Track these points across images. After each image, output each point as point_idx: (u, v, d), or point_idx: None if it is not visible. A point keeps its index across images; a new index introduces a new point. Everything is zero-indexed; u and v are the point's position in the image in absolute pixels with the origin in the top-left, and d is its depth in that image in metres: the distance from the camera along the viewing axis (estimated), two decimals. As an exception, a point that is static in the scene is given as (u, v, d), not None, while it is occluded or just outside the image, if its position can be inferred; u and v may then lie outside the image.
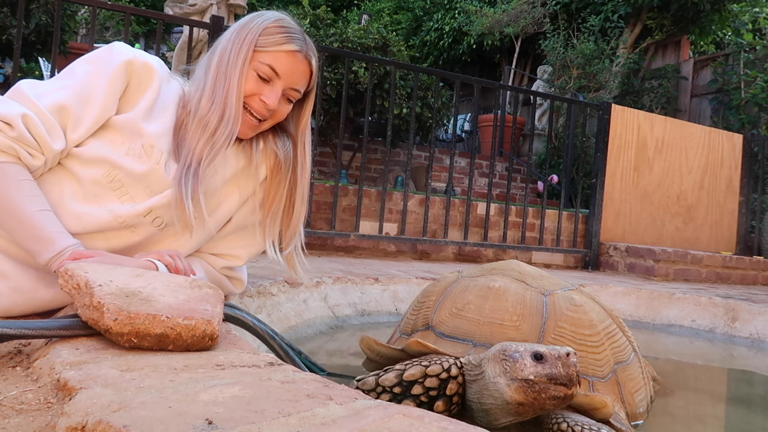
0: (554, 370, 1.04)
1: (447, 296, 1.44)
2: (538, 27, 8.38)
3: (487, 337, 1.29)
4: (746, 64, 7.32)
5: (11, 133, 1.13)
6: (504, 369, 1.09)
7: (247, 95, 1.32)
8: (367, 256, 3.82)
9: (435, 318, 1.40)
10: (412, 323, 1.48)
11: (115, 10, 3.49)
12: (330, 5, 10.73)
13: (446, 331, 1.35)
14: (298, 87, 1.38)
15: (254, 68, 1.32)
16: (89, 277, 0.98)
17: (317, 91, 3.76)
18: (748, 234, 5.64)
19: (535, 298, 1.37)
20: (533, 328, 1.31)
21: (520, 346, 1.10)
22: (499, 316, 1.33)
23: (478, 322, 1.33)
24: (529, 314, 1.33)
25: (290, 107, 1.41)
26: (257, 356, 0.95)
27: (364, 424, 0.66)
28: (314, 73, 1.41)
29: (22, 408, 0.76)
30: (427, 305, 1.47)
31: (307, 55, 1.37)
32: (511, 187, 5.00)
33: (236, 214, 1.45)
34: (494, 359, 1.12)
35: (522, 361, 1.07)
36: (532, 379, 1.05)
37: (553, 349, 1.06)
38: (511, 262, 1.56)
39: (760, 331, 2.77)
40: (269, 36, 1.33)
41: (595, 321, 1.36)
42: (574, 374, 1.04)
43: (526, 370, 1.05)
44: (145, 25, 12.00)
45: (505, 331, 1.30)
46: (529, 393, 1.06)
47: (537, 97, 5.25)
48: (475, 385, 1.17)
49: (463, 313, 1.36)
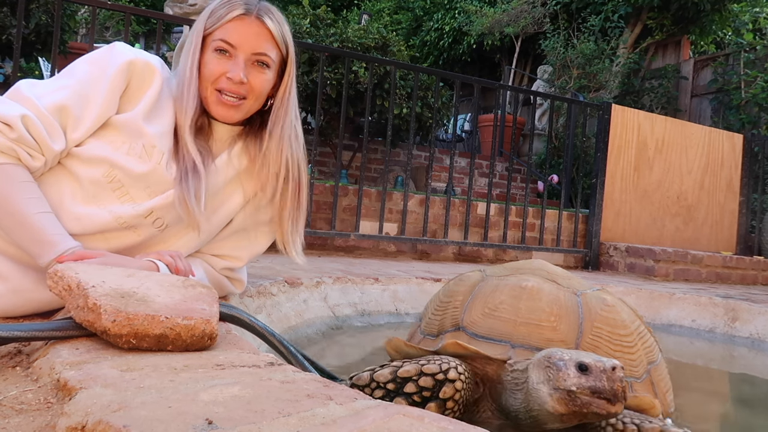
0: (598, 384, 0.99)
1: (476, 296, 1.38)
2: (538, 27, 8.38)
3: (525, 338, 1.25)
4: (746, 64, 7.32)
5: (11, 135, 1.13)
6: (547, 377, 1.05)
7: (214, 79, 1.30)
8: (367, 256, 3.82)
9: (466, 318, 1.34)
10: (438, 324, 1.41)
11: (115, 10, 3.49)
12: (330, 5, 10.73)
13: (480, 332, 1.29)
14: (262, 50, 1.32)
15: (213, 49, 1.30)
16: (81, 278, 0.97)
17: (318, 91, 3.79)
18: (748, 234, 5.64)
19: (570, 298, 1.33)
20: (571, 329, 1.27)
21: (565, 354, 1.05)
22: (536, 316, 1.28)
23: (514, 323, 1.28)
24: (566, 314, 1.29)
25: (267, 76, 1.34)
26: (257, 356, 0.95)
27: (364, 424, 0.66)
28: (277, 34, 1.34)
29: (22, 408, 0.76)
30: (453, 305, 1.40)
31: (258, 15, 1.31)
32: (511, 187, 5.00)
33: (238, 215, 1.44)
34: (539, 365, 1.09)
35: (566, 370, 1.03)
36: (574, 391, 1.01)
37: (599, 361, 1.01)
38: (535, 261, 1.51)
39: (761, 331, 2.77)
40: (214, 14, 1.32)
41: (627, 321, 1.33)
42: (620, 390, 0.99)
43: (569, 381, 1.01)
44: (145, 25, 11.99)
45: (542, 331, 1.26)
46: (570, 405, 1.02)
47: (537, 97, 5.24)
48: (520, 391, 1.14)
49: (496, 314, 1.31)
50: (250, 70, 1.32)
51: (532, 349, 1.22)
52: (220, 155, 1.38)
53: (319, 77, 3.85)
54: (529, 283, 1.35)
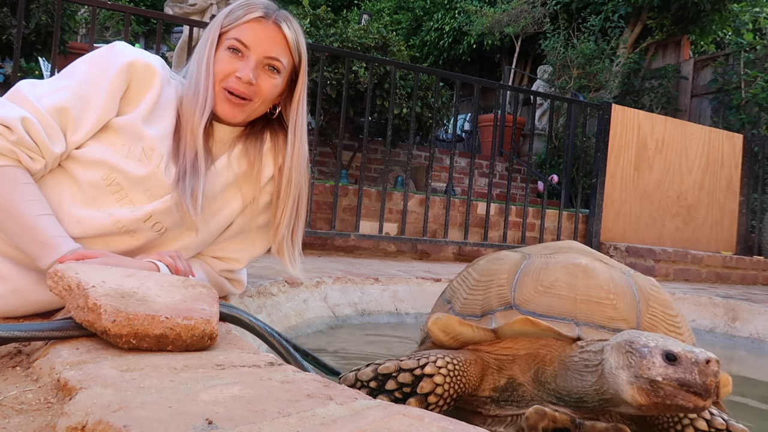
0: (688, 376, 0.91)
1: (525, 274, 1.31)
2: (538, 27, 8.38)
3: (588, 316, 1.20)
4: (746, 63, 7.32)
5: (11, 137, 1.12)
6: (628, 362, 0.98)
7: (223, 77, 1.30)
8: (367, 256, 3.82)
9: (518, 296, 1.26)
10: (480, 303, 1.31)
11: (115, 10, 3.49)
12: (330, 5, 10.72)
13: (537, 310, 1.22)
14: (274, 54, 1.32)
15: (227, 47, 1.31)
16: (81, 278, 0.97)
17: (318, 91, 3.79)
18: (748, 234, 5.64)
19: (622, 277, 1.30)
20: (630, 308, 1.24)
21: (650, 341, 0.98)
22: (595, 293, 1.23)
23: (575, 300, 1.22)
24: (622, 293, 1.26)
25: (276, 81, 1.35)
26: (257, 356, 0.95)
27: (364, 424, 0.66)
28: (292, 41, 1.35)
29: (22, 408, 0.76)
30: (498, 283, 1.31)
31: (276, 21, 1.32)
32: (511, 187, 5.00)
33: (238, 218, 1.44)
34: (618, 349, 1.02)
35: (650, 358, 0.95)
36: (659, 381, 0.93)
37: (690, 351, 0.93)
38: (572, 242, 1.47)
39: (761, 331, 2.77)
40: (233, 14, 1.33)
41: (672, 302, 1.32)
42: (713, 385, 0.91)
43: (654, 370, 0.94)
44: (145, 25, 11.99)
45: (604, 309, 1.22)
46: (653, 396, 0.94)
47: (537, 97, 5.25)
48: (590, 373, 1.08)
49: (553, 291, 1.24)
50: (259, 73, 1.32)
51: (597, 327, 1.18)
52: (220, 158, 1.38)
53: (319, 77, 3.85)
54: (582, 261, 1.29)
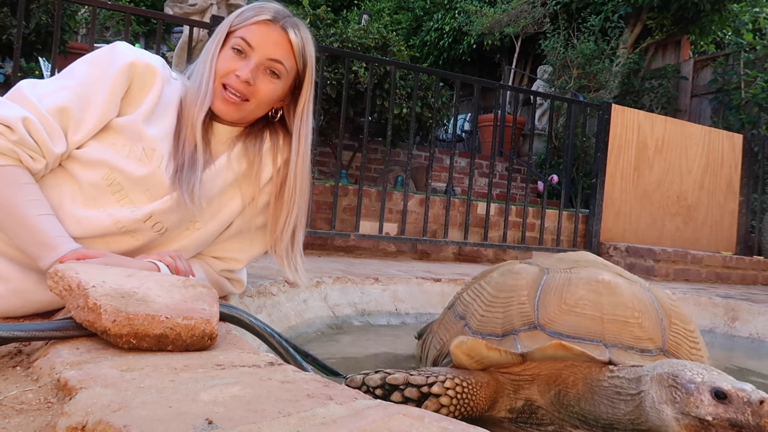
0: (740, 417, 0.89)
1: (547, 291, 1.27)
2: (538, 27, 8.38)
3: (616, 336, 1.17)
4: (746, 64, 7.32)
5: (12, 137, 1.12)
6: (672, 398, 0.96)
7: (224, 74, 1.31)
8: (367, 256, 3.82)
9: (541, 315, 1.22)
10: (501, 321, 1.26)
11: (115, 10, 3.49)
12: (330, 5, 10.73)
13: (564, 331, 1.18)
14: (277, 57, 1.32)
15: (231, 46, 1.32)
16: (81, 278, 0.97)
17: (318, 91, 3.79)
18: (748, 234, 5.64)
19: (643, 293, 1.27)
20: (654, 326, 1.22)
21: (695, 375, 0.96)
22: (621, 312, 1.21)
23: (601, 320, 1.19)
24: (646, 310, 1.23)
25: (276, 85, 1.35)
26: (257, 356, 0.95)
27: (364, 424, 0.66)
28: (297, 47, 1.35)
29: (22, 408, 0.76)
30: (519, 301, 1.27)
31: (284, 26, 1.33)
32: (511, 187, 5.00)
33: (237, 218, 1.44)
34: (660, 382, 0.99)
35: (698, 395, 0.93)
36: (709, 421, 0.91)
37: (741, 390, 0.91)
38: (587, 253, 1.44)
39: (760, 331, 2.77)
40: (243, 14, 1.35)
41: (689, 316, 1.29)
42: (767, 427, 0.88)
43: (704, 409, 0.91)
44: (145, 25, 11.99)
45: (631, 329, 1.19)
46: None
47: (537, 97, 5.24)
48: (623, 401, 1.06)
49: (578, 310, 1.21)
50: (259, 75, 1.32)
51: (626, 348, 1.16)
52: (220, 157, 1.38)
53: (319, 77, 3.85)
54: (605, 277, 1.26)
